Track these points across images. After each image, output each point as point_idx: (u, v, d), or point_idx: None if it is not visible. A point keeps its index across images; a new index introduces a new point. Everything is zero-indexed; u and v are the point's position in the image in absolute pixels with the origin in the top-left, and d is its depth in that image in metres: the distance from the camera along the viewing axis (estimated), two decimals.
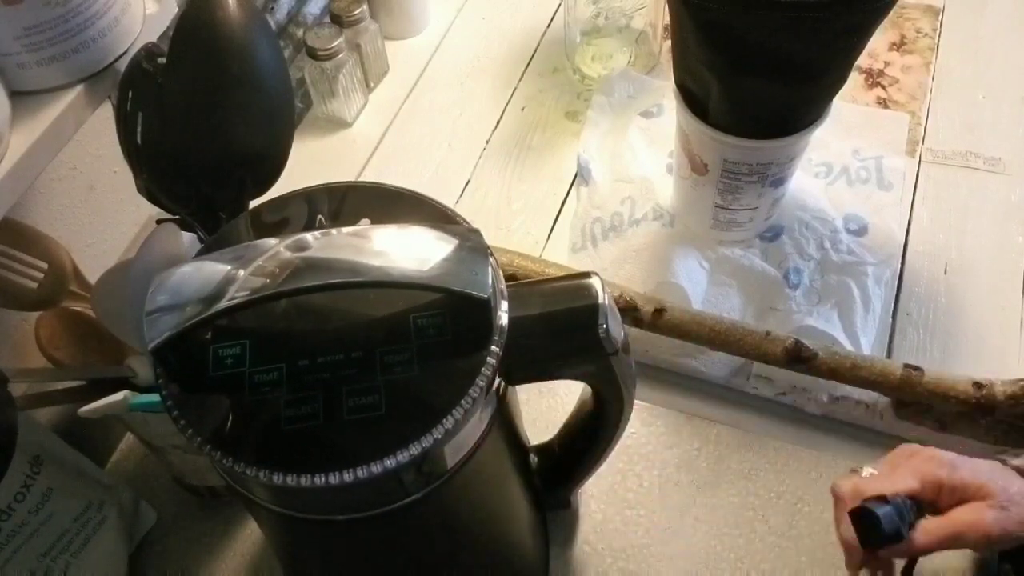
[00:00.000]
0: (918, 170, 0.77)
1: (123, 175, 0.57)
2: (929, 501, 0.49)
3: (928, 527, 0.48)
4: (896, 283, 0.70)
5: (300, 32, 0.87)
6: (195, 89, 0.48)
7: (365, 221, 0.42)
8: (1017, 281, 0.70)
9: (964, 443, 0.61)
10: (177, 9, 0.51)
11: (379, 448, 0.34)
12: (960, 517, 0.47)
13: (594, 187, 0.77)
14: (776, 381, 0.65)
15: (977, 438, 0.60)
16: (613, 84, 0.83)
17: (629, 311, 0.64)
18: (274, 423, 0.35)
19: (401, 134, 0.86)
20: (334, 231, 0.38)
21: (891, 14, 0.55)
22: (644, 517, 0.61)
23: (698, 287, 0.69)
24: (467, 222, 0.42)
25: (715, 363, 0.66)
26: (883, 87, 0.84)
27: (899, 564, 0.52)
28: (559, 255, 0.74)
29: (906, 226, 0.73)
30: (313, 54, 0.79)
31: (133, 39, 0.48)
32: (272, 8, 0.83)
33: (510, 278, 0.57)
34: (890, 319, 0.68)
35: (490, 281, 0.36)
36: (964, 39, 0.87)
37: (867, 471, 0.52)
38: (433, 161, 0.83)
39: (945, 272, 0.71)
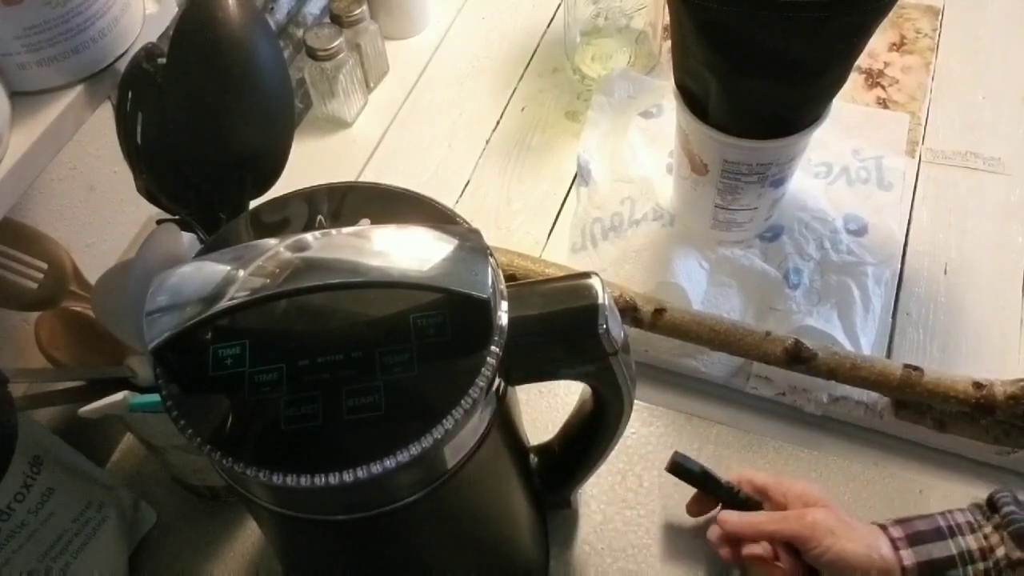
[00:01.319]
0: (918, 170, 0.77)
1: (123, 175, 0.57)
2: (776, 503, 0.54)
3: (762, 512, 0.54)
4: (896, 283, 0.70)
5: (300, 32, 0.87)
6: (195, 89, 0.48)
7: (365, 221, 0.42)
8: (1017, 281, 0.70)
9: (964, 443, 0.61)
10: (177, 9, 0.51)
11: (379, 448, 0.34)
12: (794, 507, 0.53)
13: (594, 187, 0.77)
14: (776, 381, 0.65)
15: (977, 438, 0.60)
16: (613, 84, 0.83)
17: (629, 311, 0.64)
18: (274, 423, 0.35)
19: (401, 134, 0.86)
20: (334, 231, 0.37)
21: (891, 14, 0.55)
22: (644, 517, 0.61)
23: (698, 287, 0.69)
24: (467, 222, 0.42)
25: (715, 363, 0.66)
26: (883, 87, 0.84)
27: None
28: (559, 255, 0.74)
29: (906, 226, 0.73)
30: (313, 54, 0.79)
31: (133, 39, 0.48)
32: (272, 8, 0.83)
33: (510, 278, 0.58)
34: (890, 319, 0.68)
35: (490, 281, 0.36)
36: (964, 39, 0.87)
37: None
38: (433, 161, 0.83)
39: (945, 272, 0.71)
